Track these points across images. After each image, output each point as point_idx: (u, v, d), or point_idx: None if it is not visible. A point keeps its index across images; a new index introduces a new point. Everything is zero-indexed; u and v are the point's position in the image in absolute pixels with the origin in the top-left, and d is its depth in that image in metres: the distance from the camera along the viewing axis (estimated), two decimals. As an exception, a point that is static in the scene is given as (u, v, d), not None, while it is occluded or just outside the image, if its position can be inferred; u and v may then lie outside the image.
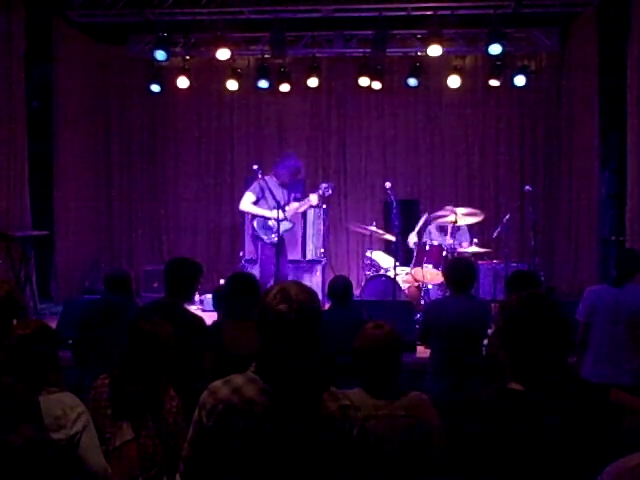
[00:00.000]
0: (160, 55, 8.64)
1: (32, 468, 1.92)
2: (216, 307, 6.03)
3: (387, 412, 2.92)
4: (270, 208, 7.50)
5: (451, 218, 7.84)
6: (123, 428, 2.97)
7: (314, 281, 8.70)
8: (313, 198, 7.87)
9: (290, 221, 7.63)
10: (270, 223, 7.51)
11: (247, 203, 7.68)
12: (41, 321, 2.95)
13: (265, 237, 7.58)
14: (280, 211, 7.27)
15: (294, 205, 7.86)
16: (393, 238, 7.95)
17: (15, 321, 2.33)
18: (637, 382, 4.50)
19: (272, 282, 7.19)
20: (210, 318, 4.68)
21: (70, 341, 5.74)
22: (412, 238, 8.40)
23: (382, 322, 3.12)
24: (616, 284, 4.67)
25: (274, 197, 7.34)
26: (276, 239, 7.47)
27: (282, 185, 7.72)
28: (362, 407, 2.91)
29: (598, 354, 4.63)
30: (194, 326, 4.10)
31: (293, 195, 8.03)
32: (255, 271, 8.02)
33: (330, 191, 8.06)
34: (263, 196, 7.59)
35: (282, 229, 7.50)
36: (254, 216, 7.74)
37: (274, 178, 7.72)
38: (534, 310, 2.10)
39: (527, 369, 2.09)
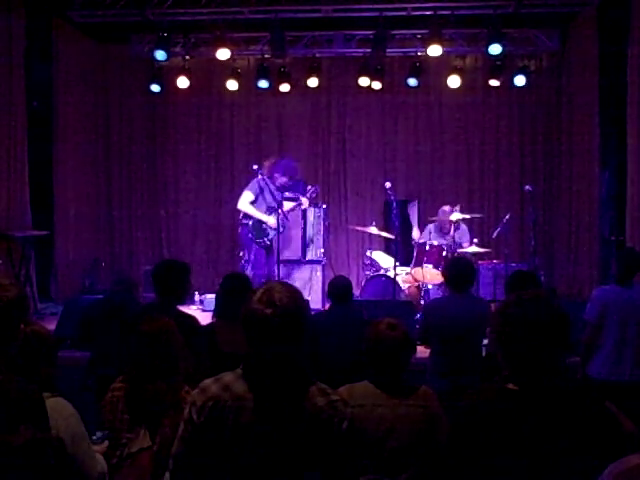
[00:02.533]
0: (160, 55, 8.64)
1: (32, 468, 1.92)
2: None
3: (397, 402, 3.01)
4: (266, 209, 7.58)
5: (451, 218, 7.84)
6: (140, 435, 2.94)
7: (314, 281, 8.70)
8: (304, 201, 8.04)
9: (282, 225, 7.64)
10: (264, 226, 7.58)
11: (245, 203, 7.72)
12: (38, 324, 2.92)
13: (259, 240, 7.64)
14: (273, 215, 7.37)
15: (287, 206, 7.90)
16: (392, 236, 7.95)
17: (23, 325, 2.30)
18: None
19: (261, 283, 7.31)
20: (210, 318, 4.69)
21: (69, 341, 5.77)
22: (415, 233, 8.40)
23: (395, 322, 3.15)
24: (624, 284, 4.71)
25: (274, 198, 7.45)
26: (269, 242, 7.55)
27: (279, 189, 7.75)
28: (371, 397, 2.96)
29: (610, 353, 4.65)
30: (187, 325, 4.10)
31: (283, 196, 8.04)
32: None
33: (315, 194, 8.42)
34: (261, 196, 7.64)
35: (273, 234, 7.56)
36: (248, 216, 7.75)
37: (270, 180, 7.76)
38: (531, 311, 2.08)
39: (522, 370, 2.08)
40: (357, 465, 2.29)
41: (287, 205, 8.07)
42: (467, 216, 8.15)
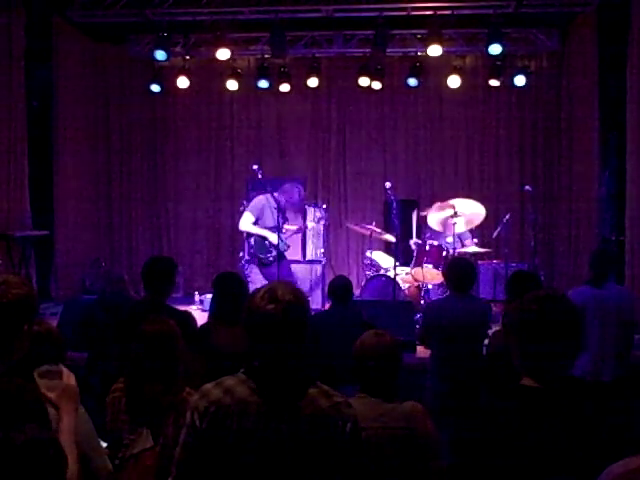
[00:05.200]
0: (160, 55, 8.64)
1: (34, 467, 1.91)
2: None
3: (381, 424, 2.91)
4: (268, 228, 7.52)
5: (449, 212, 7.77)
6: (143, 435, 2.93)
7: (314, 281, 8.70)
8: (310, 225, 8.06)
9: (286, 244, 7.57)
10: (267, 243, 7.51)
11: (247, 223, 7.60)
12: (46, 323, 2.91)
13: (261, 255, 7.56)
14: (278, 234, 7.35)
15: (291, 228, 7.85)
16: (393, 239, 7.93)
17: (26, 327, 2.27)
18: (621, 375, 4.67)
19: None
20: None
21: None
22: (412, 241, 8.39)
23: (383, 331, 3.13)
24: (596, 285, 4.74)
25: (275, 217, 7.41)
26: (271, 259, 7.48)
27: (277, 206, 7.63)
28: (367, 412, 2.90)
29: (590, 354, 4.67)
30: (181, 322, 4.10)
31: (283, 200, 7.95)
32: (255, 272, 8.00)
33: (324, 222, 8.54)
34: (264, 215, 7.55)
35: (276, 252, 7.50)
36: (250, 234, 7.68)
37: (274, 200, 7.63)
38: (553, 309, 2.12)
39: (543, 367, 2.10)
40: (361, 467, 2.27)
41: (292, 228, 7.95)
42: (471, 211, 8.08)
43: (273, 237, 7.43)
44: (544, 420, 2.04)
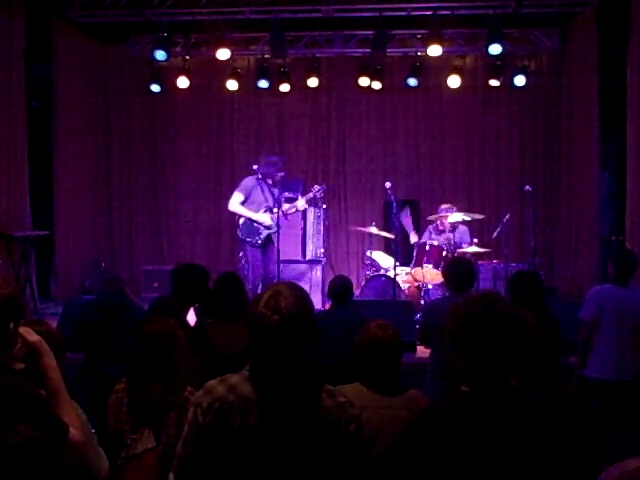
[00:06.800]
0: (160, 55, 8.64)
1: (28, 468, 1.90)
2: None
3: (384, 404, 2.98)
4: (258, 207, 7.51)
5: (449, 219, 7.85)
6: (145, 435, 2.93)
7: (314, 281, 8.69)
8: (300, 203, 7.92)
9: (276, 224, 7.50)
10: (255, 225, 7.50)
11: (235, 203, 7.59)
12: (46, 324, 2.90)
13: (249, 239, 7.55)
14: (268, 214, 7.35)
15: (285, 207, 7.81)
16: (392, 236, 7.94)
17: (12, 324, 2.27)
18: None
19: (260, 283, 7.30)
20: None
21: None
22: (413, 238, 8.43)
23: (386, 322, 3.15)
24: (621, 284, 4.76)
25: (272, 195, 7.40)
26: (260, 242, 7.47)
27: (269, 185, 7.59)
28: (359, 399, 2.95)
29: (605, 353, 4.68)
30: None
31: (283, 196, 7.95)
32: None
33: (322, 194, 8.09)
34: (252, 195, 7.55)
35: (266, 233, 7.50)
36: (240, 216, 7.69)
37: (261, 178, 7.63)
38: (480, 310, 2.01)
39: (477, 371, 2.01)
40: (363, 466, 2.27)
41: (285, 207, 7.95)
42: (467, 218, 8.12)
43: (264, 218, 7.43)
44: (470, 424, 1.96)
